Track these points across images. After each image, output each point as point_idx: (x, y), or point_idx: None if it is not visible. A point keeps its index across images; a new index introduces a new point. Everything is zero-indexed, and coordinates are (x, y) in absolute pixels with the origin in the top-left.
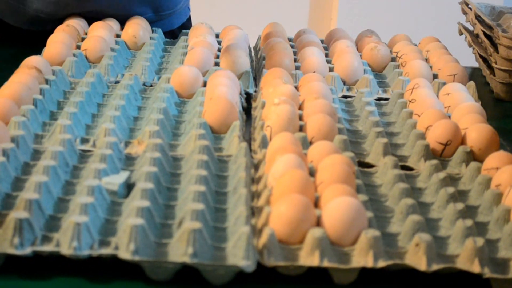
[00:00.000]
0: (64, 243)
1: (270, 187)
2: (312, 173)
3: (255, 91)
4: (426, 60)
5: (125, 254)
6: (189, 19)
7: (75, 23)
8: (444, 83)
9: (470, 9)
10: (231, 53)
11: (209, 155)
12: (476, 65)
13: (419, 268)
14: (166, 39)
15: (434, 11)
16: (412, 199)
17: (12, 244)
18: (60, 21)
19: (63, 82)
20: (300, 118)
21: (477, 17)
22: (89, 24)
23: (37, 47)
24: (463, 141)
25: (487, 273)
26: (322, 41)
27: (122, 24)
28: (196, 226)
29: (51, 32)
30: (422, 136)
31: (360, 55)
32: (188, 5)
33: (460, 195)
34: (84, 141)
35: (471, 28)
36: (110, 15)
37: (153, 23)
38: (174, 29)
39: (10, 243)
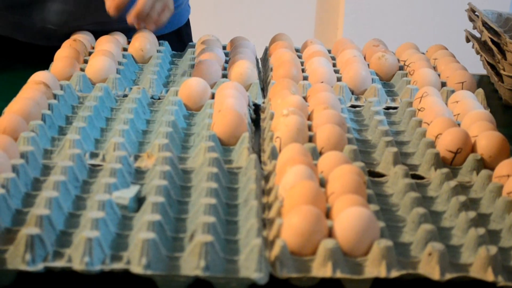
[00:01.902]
0: (76, 259)
1: (281, 199)
2: (322, 183)
3: (264, 102)
4: (434, 68)
5: (137, 268)
6: (187, 21)
7: (82, 38)
8: (453, 91)
9: (477, 16)
10: (238, 65)
11: (219, 167)
12: (484, 72)
13: (432, 278)
14: (173, 52)
15: (441, 18)
16: (424, 208)
17: (24, 260)
18: (67, 35)
19: (71, 97)
20: (309, 128)
21: (484, 24)
22: (96, 37)
23: (45, 63)
24: (473, 149)
25: (501, 281)
26: (329, 51)
27: (128, 36)
28: (207, 239)
29: (58, 47)
30: (432, 144)
31: (368, 64)
32: (188, 2)
33: (472, 203)
34: (93, 155)
35: (478, 35)
36: (115, 21)
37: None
38: (181, 27)
39: (22, 259)
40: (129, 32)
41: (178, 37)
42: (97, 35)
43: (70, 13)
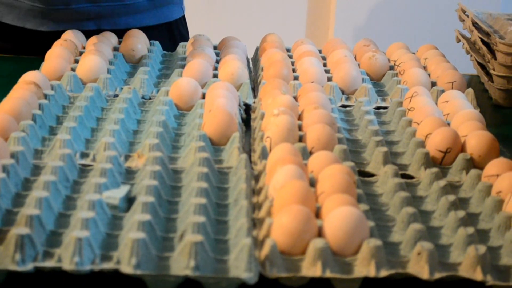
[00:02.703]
0: (66, 259)
1: (271, 198)
2: (312, 183)
3: (254, 102)
4: (424, 68)
5: (127, 268)
6: (184, 19)
7: (72, 37)
8: (443, 91)
9: (467, 16)
10: (229, 65)
11: (209, 167)
12: (474, 72)
13: (421, 277)
14: (164, 52)
15: (431, 18)
16: (413, 208)
17: (14, 261)
18: (56, 17)
19: (62, 97)
20: (300, 128)
21: (474, 24)
22: (87, 37)
23: (35, 62)
24: (463, 149)
25: (490, 280)
26: (320, 51)
27: (119, 36)
28: (197, 239)
29: (47, 40)
30: (422, 144)
31: (358, 64)
32: (182, 4)
33: (461, 203)
34: (84, 155)
35: (468, 35)
36: (103, 1)
37: (147, 11)
38: (171, 22)
39: (11, 259)
40: (120, 32)
41: (169, 32)
42: (88, 35)
43: None
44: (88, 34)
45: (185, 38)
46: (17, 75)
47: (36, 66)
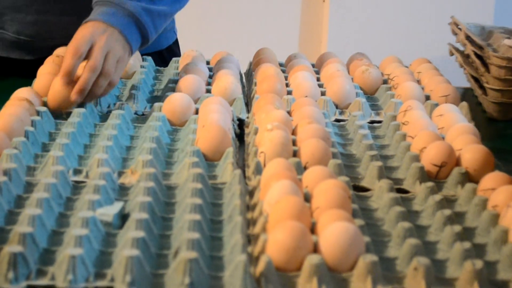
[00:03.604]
0: (59, 276)
1: (265, 214)
2: (307, 198)
3: (248, 117)
4: (418, 81)
5: (121, 285)
6: (176, 43)
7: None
8: (437, 105)
9: (460, 29)
10: (222, 80)
11: (203, 183)
12: (467, 85)
13: None
14: (157, 67)
15: (424, 32)
16: (409, 223)
17: (7, 279)
18: (42, 48)
19: (54, 113)
20: (294, 143)
21: (467, 37)
22: None
23: (27, 79)
24: (458, 163)
25: None
26: (313, 65)
27: None
28: (192, 256)
29: (33, 61)
30: (417, 158)
31: (352, 78)
32: (174, 29)
33: (457, 217)
34: (77, 172)
35: (461, 48)
36: None
37: None
38: (162, 50)
39: (4, 277)
40: None
41: (161, 59)
42: None
43: (45, 24)
44: None
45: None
46: (9, 91)
47: (28, 83)
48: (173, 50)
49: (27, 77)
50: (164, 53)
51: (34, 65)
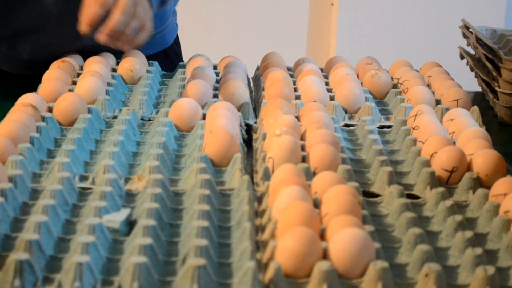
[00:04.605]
0: (66, 284)
1: (274, 220)
2: (316, 204)
3: (256, 123)
4: (428, 85)
5: None
6: (176, 40)
7: (70, 59)
8: (448, 109)
9: (471, 32)
10: (229, 85)
11: (211, 189)
12: (478, 89)
13: None
14: (163, 72)
15: (434, 36)
16: (420, 228)
17: (13, 287)
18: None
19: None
20: (303, 148)
21: (478, 40)
22: (85, 58)
23: (33, 84)
24: (469, 168)
25: None
26: (321, 69)
27: (117, 57)
28: (200, 263)
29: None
30: (427, 163)
31: (361, 83)
32: (176, 21)
33: (468, 223)
34: (83, 178)
35: (472, 52)
36: (104, 49)
37: (146, 44)
38: (167, 47)
39: (11, 285)
40: (118, 53)
41: (166, 56)
42: (85, 56)
43: (60, 46)
44: (85, 55)
45: (179, 54)
46: (14, 97)
47: (33, 88)
48: (175, 44)
49: (33, 82)
50: (169, 50)
51: (41, 71)
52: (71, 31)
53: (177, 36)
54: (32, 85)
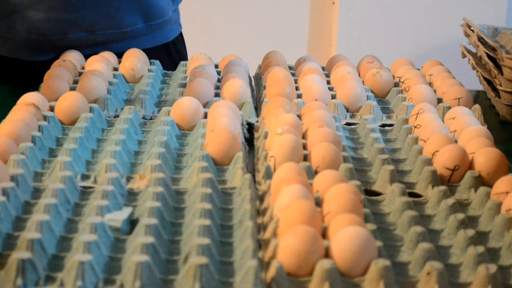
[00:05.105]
0: (68, 283)
1: (276, 219)
2: (318, 203)
3: (257, 121)
4: (430, 84)
5: None
6: (181, 36)
7: (71, 58)
8: (449, 107)
9: (473, 31)
10: (231, 83)
11: (212, 188)
12: (480, 87)
13: None
14: (165, 71)
15: (436, 34)
16: (422, 227)
17: (15, 286)
18: (53, 47)
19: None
20: (304, 147)
21: (480, 39)
22: (86, 58)
23: (34, 84)
24: (471, 166)
25: None
26: (323, 68)
27: (119, 56)
28: (202, 261)
29: (43, 62)
30: (429, 162)
31: (362, 81)
32: (178, 21)
33: (470, 221)
34: (84, 177)
35: (474, 50)
36: (102, 28)
37: (145, 35)
38: (168, 42)
39: (13, 284)
40: (120, 52)
41: (167, 53)
42: (86, 54)
43: (56, 21)
44: (85, 51)
45: (183, 55)
46: (16, 96)
47: (35, 87)
48: (179, 43)
49: (35, 81)
50: (170, 46)
51: (43, 69)
52: (68, 6)
53: (182, 37)
54: (34, 84)
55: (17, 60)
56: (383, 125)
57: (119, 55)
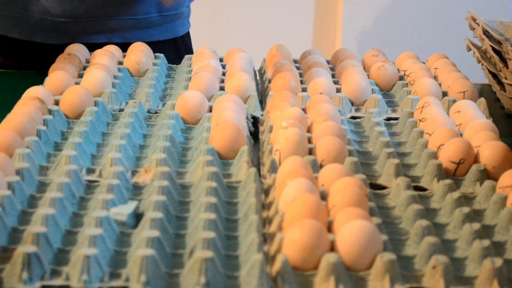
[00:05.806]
0: (74, 277)
1: (281, 213)
2: (323, 197)
3: (262, 115)
4: (435, 77)
5: (136, 285)
6: (189, 35)
7: (76, 51)
8: (454, 101)
9: (478, 24)
10: (236, 77)
11: (218, 181)
12: (485, 81)
13: None
14: (170, 65)
15: (441, 27)
16: (427, 221)
17: (21, 279)
18: (65, 30)
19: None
20: (309, 141)
21: (485, 32)
22: (91, 51)
23: (39, 78)
24: (476, 160)
25: None
26: (328, 62)
27: (123, 49)
28: (207, 255)
29: (53, 55)
30: (434, 155)
31: (367, 75)
32: (189, 18)
33: (476, 215)
34: (90, 171)
35: (479, 43)
36: (115, 14)
37: (157, 26)
38: (177, 38)
39: (18, 278)
40: (124, 46)
41: (175, 48)
42: (96, 47)
43: (69, 3)
44: (96, 48)
45: (191, 52)
46: (20, 90)
47: (39, 81)
48: (187, 40)
49: (46, 65)
50: (179, 41)
51: (55, 53)
52: None
53: (190, 36)
54: (39, 78)
55: (30, 42)
56: (388, 119)
57: (130, 46)
